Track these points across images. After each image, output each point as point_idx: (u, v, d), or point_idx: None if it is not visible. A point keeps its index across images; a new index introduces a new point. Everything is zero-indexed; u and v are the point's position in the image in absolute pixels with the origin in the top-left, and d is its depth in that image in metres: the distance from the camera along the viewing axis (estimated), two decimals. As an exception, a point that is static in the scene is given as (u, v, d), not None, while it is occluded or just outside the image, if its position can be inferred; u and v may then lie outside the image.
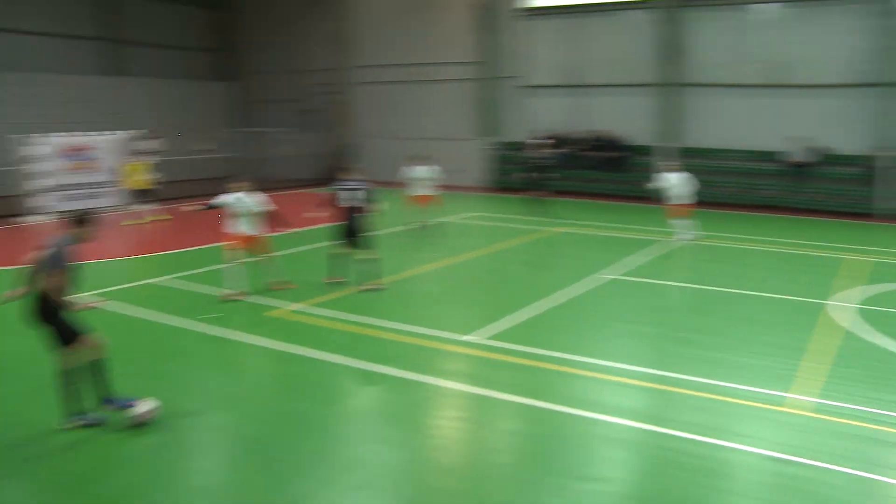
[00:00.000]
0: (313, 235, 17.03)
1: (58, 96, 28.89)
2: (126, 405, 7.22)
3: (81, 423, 7.09)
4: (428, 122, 31.05)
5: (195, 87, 34.90)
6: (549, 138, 27.86)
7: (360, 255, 12.54)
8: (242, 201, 11.98)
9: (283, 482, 6.09)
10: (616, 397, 7.88)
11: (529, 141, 26.62)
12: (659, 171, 18.73)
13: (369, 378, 8.52)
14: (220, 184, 13.92)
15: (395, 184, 20.44)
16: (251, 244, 12.19)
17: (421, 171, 18.78)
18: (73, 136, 22.66)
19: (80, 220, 7.13)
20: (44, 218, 20.99)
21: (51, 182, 21.74)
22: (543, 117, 28.47)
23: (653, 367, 8.75)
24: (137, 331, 10.35)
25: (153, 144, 24.00)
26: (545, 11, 28.01)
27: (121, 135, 23.78)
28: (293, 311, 11.19)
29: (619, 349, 9.52)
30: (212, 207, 11.98)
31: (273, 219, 12.22)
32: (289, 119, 35.05)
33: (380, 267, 12.85)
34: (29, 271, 6.99)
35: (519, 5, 28.40)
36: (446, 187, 25.69)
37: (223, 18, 36.97)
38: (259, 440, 6.87)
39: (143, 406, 7.17)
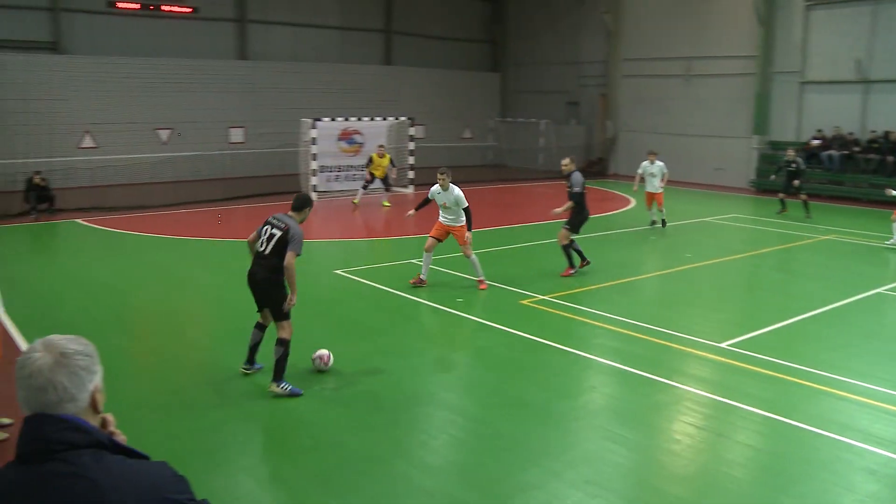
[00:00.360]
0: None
1: (338, 84, 31.47)
2: (294, 392, 7.74)
3: (287, 389, 7.69)
4: (695, 118, 29.87)
5: (461, 76, 36.30)
6: (818, 139, 25.81)
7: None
8: (442, 195, 12.07)
9: (511, 469, 6.17)
10: (873, 423, 7.17)
11: (807, 141, 24.82)
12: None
13: (609, 375, 8.49)
14: (478, 171, 14.41)
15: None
16: (451, 233, 12.27)
17: (651, 167, 18.71)
18: (345, 120, 24.58)
19: (302, 203, 7.98)
20: (315, 196, 23.03)
21: (323, 163, 23.83)
22: (819, 115, 26.36)
23: (928, 397, 7.87)
24: (386, 307, 11.10)
25: (414, 131, 25.37)
26: (838, 0, 25.81)
27: (388, 121, 25.41)
28: (538, 301, 11.43)
29: (881, 371, 8.66)
30: (425, 204, 12.39)
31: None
32: (553, 111, 35.46)
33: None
34: (274, 244, 7.76)
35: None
36: (708, 186, 24.63)
37: (493, 9, 38.11)
38: (491, 424, 7.10)
39: (322, 354, 8.30)
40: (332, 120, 24.11)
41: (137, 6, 27.38)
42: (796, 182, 20.70)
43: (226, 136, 28.87)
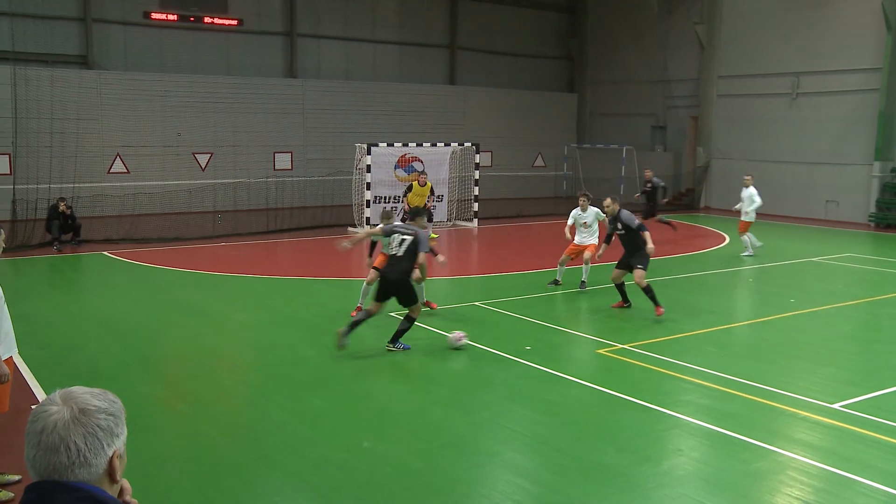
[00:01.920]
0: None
1: (396, 105, 31.93)
2: (405, 348, 11.06)
3: (401, 347, 10.99)
4: (802, 142, 29.40)
5: (533, 97, 36.52)
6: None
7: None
8: (582, 216, 15.63)
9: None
10: None
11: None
12: None
13: (698, 437, 8.28)
14: (551, 203, 14.47)
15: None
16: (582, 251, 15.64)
17: (746, 193, 20.10)
18: (404, 146, 24.84)
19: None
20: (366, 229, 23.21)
21: (379, 193, 24.07)
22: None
23: None
24: (443, 354, 11.08)
25: (480, 158, 25.51)
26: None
27: (450, 147, 25.60)
28: (616, 351, 11.26)
29: None
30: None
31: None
32: (637, 135, 35.34)
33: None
34: (406, 248, 10.81)
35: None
36: (817, 221, 24.11)
37: (569, 21, 38.28)
38: (562, 491, 6.96)
39: (457, 336, 11.10)
40: (390, 145, 24.44)
41: (175, 17, 28.25)
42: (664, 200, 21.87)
43: (271, 161, 29.45)
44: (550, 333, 12.26)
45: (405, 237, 10.91)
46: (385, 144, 24.29)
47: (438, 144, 25.52)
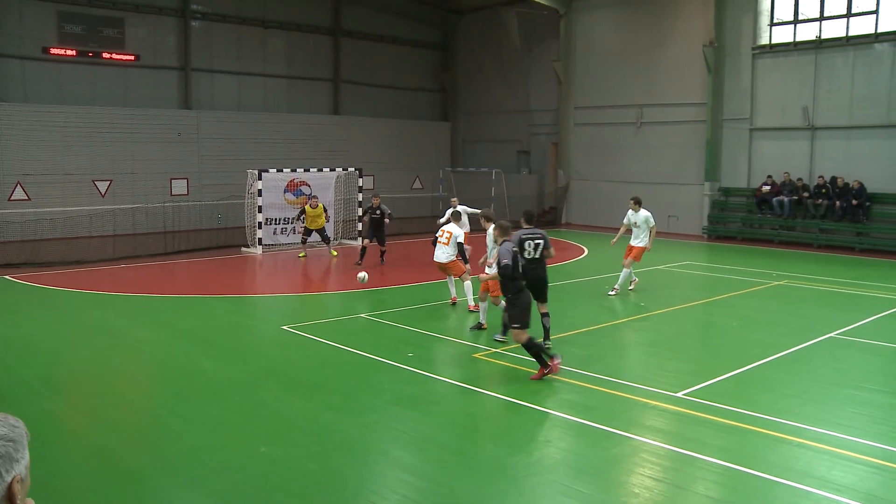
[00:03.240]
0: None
1: (285, 134, 31.55)
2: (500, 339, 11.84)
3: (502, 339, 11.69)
4: (647, 165, 30.59)
5: (411, 126, 36.73)
6: (768, 184, 26.63)
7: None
8: (634, 216, 16.42)
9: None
10: (830, 469, 7.21)
11: (758, 187, 25.55)
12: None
13: (564, 428, 8.46)
14: (428, 221, 14.55)
15: (596, 228, 20.39)
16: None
17: (634, 216, 16.81)
18: (293, 171, 24.55)
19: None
20: (259, 250, 22.81)
21: (270, 215, 23.70)
22: (769, 161, 27.24)
23: (880, 441, 7.98)
24: (335, 362, 10.98)
25: (363, 182, 25.45)
26: (782, 48, 26.79)
27: (336, 172, 25.44)
28: (490, 354, 11.40)
29: (840, 417, 8.72)
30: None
31: None
32: (505, 160, 35.96)
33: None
34: (541, 250, 11.26)
35: (757, 42, 27.41)
36: (661, 234, 25.14)
37: (442, 58, 38.70)
38: (445, 483, 6.99)
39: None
40: (279, 171, 24.10)
41: (74, 52, 27.17)
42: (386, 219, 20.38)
43: (168, 187, 28.61)
44: (431, 341, 12.32)
45: (536, 241, 11.26)
46: (275, 170, 23.95)
47: (325, 170, 25.33)
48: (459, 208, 16.55)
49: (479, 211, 15.17)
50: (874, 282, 18.40)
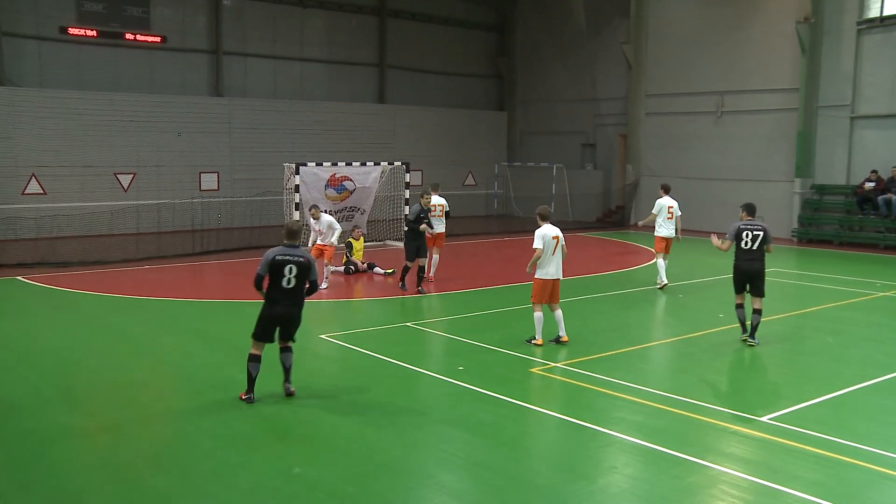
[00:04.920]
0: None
1: (324, 124, 31.85)
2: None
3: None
4: (727, 159, 30.18)
5: (463, 116, 36.76)
6: (872, 181, 26.00)
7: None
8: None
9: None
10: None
11: (859, 184, 25.05)
12: None
13: (632, 453, 8.37)
14: (482, 222, 14.55)
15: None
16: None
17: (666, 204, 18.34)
18: (333, 165, 24.73)
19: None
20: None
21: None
22: (873, 154, 26.53)
23: None
24: (379, 374, 11.03)
25: (410, 177, 25.48)
26: (891, 22, 26.15)
27: (381, 167, 25.56)
28: (549, 369, 11.35)
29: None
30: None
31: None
32: (567, 154, 35.80)
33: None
34: (760, 241, 12.52)
35: (863, 15, 26.67)
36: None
37: (499, 41, 38.69)
38: (497, 510, 6.97)
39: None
40: (318, 164, 24.25)
41: (95, 33, 27.68)
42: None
43: (196, 182, 29.06)
44: (483, 353, 12.32)
45: (755, 232, 12.59)
46: (314, 164, 24.17)
47: (368, 163, 25.49)
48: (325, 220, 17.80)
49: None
50: None
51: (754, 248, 12.60)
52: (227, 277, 19.91)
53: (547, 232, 12.26)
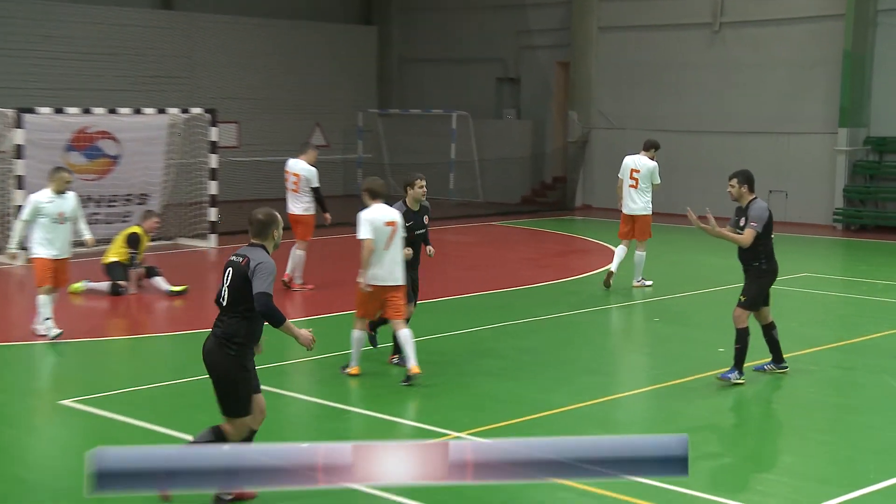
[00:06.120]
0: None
1: (73, 42, 30.97)
2: None
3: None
4: (730, 101, 30.40)
5: (306, 34, 36.44)
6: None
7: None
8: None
9: None
10: None
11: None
12: None
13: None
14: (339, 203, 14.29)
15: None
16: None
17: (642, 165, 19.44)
18: (85, 113, 23.85)
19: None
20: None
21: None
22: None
23: None
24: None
25: (218, 134, 24.91)
26: None
27: (169, 116, 24.84)
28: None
29: None
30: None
31: None
32: (474, 95, 35.62)
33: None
34: None
35: None
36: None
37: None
38: None
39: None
40: (58, 112, 23.47)
41: None
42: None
43: None
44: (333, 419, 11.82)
45: None
46: (50, 110, 23.28)
47: (148, 111, 24.74)
48: None
49: None
50: None
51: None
52: None
53: (377, 216, 12.78)
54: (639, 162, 19.25)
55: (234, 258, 9.40)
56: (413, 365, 12.77)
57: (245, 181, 30.57)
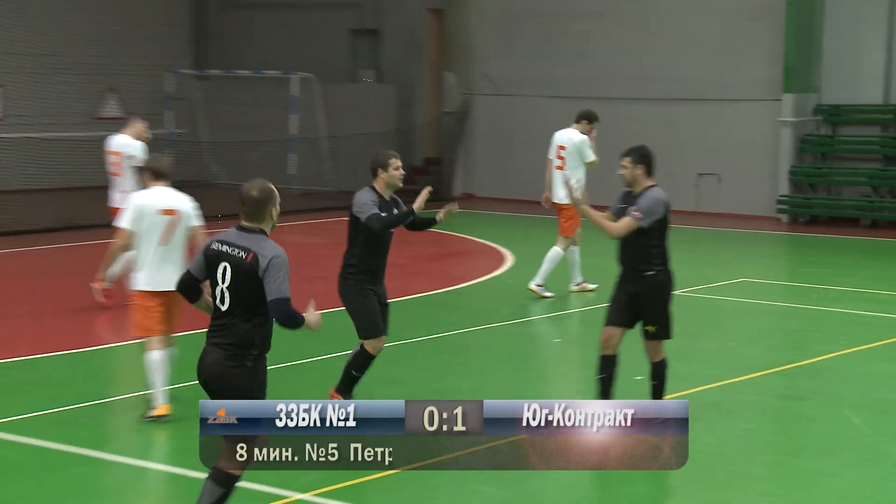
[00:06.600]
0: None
1: None
2: None
3: None
4: (648, 60, 30.62)
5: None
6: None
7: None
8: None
9: None
10: None
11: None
12: None
13: None
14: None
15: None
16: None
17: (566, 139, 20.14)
18: None
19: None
20: None
21: None
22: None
23: None
24: None
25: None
26: None
27: None
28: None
29: None
30: None
31: None
32: (317, 49, 35.51)
33: None
34: None
35: None
36: (685, 213, 25.05)
37: None
38: None
39: None
40: None
41: None
42: None
43: None
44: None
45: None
46: None
47: None
48: None
49: None
50: None
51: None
52: None
53: (151, 202, 12.65)
54: (566, 137, 19.86)
55: (228, 250, 9.20)
56: (156, 407, 12.78)
57: (9, 166, 30.20)
